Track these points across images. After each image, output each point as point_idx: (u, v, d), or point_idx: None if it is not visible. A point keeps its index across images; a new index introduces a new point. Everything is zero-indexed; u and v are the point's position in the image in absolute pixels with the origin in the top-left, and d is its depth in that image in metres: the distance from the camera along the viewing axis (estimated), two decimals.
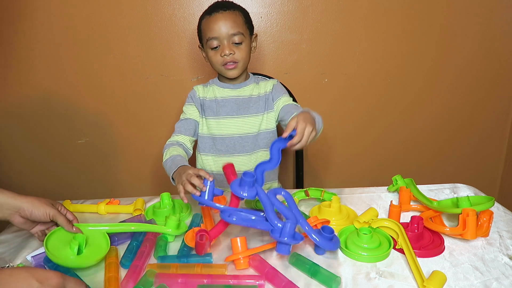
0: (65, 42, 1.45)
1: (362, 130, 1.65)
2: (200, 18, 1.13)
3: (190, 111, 1.18)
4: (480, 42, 1.57)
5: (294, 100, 1.21)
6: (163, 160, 1.03)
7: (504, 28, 1.56)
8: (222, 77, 1.18)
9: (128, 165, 1.64)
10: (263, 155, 1.20)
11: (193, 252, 0.80)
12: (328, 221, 0.86)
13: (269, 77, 1.30)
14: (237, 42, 1.08)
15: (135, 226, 0.85)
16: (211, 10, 1.09)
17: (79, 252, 0.73)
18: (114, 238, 0.84)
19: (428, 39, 1.54)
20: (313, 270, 0.71)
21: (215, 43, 1.07)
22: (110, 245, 0.79)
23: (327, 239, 0.75)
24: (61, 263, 0.71)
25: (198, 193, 0.80)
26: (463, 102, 1.66)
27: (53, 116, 1.54)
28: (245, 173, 0.77)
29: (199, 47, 1.17)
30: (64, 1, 1.40)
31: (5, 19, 1.41)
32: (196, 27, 1.15)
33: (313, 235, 0.74)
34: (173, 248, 0.84)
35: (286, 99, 1.17)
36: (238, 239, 0.75)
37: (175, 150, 1.04)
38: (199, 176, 0.83)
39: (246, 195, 0.76)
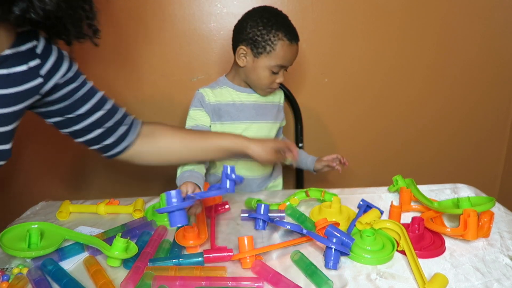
0: None
1: (362, 130, 1.65)
2: (276, 32, 1.03)
3: (201, 117, 1.11)
4: (480, 42, 1.57)
5: None
6: (181, 171, 0.99)
7: (504, 28, 1.56)
8: (235, 79, 1.14)
9: (127, 165, 1.62)
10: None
11: (184, 252, 0.80)
12: (338, 223, 0.86)
13: None
14: (286, 69, 1.12)
15: (85, 238, 0.80)
16: (291, 38, 1.05)
17: (33, 245, 0.76)
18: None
19: (428, 39, 1.54)
20: (311, 270, 0.71)
21: (279, 69, 1.08)
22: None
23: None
24: (15, 254, 0.74)
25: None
26: (463, 102, 1.65)
27: None
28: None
29: (241, 48, 1.06)
30: None
31: None
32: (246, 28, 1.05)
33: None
34: None
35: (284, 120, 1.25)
36: (245, 238, 0.74)
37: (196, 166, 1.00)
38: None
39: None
